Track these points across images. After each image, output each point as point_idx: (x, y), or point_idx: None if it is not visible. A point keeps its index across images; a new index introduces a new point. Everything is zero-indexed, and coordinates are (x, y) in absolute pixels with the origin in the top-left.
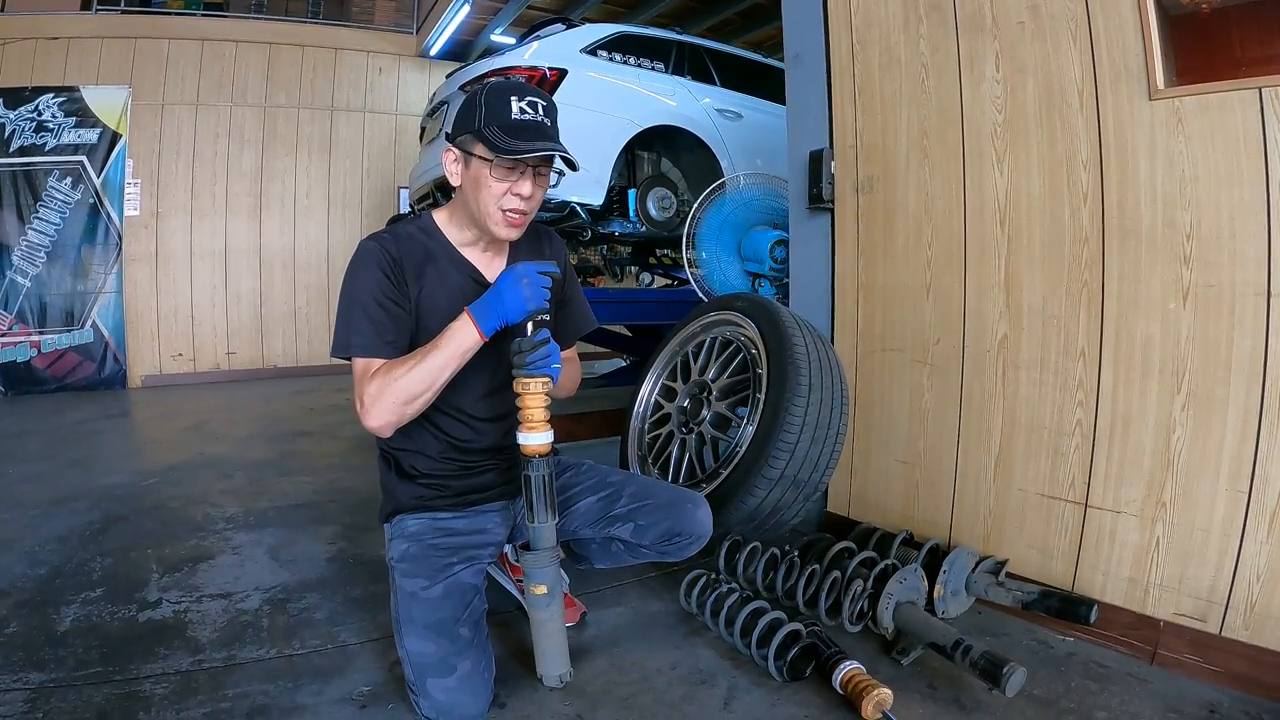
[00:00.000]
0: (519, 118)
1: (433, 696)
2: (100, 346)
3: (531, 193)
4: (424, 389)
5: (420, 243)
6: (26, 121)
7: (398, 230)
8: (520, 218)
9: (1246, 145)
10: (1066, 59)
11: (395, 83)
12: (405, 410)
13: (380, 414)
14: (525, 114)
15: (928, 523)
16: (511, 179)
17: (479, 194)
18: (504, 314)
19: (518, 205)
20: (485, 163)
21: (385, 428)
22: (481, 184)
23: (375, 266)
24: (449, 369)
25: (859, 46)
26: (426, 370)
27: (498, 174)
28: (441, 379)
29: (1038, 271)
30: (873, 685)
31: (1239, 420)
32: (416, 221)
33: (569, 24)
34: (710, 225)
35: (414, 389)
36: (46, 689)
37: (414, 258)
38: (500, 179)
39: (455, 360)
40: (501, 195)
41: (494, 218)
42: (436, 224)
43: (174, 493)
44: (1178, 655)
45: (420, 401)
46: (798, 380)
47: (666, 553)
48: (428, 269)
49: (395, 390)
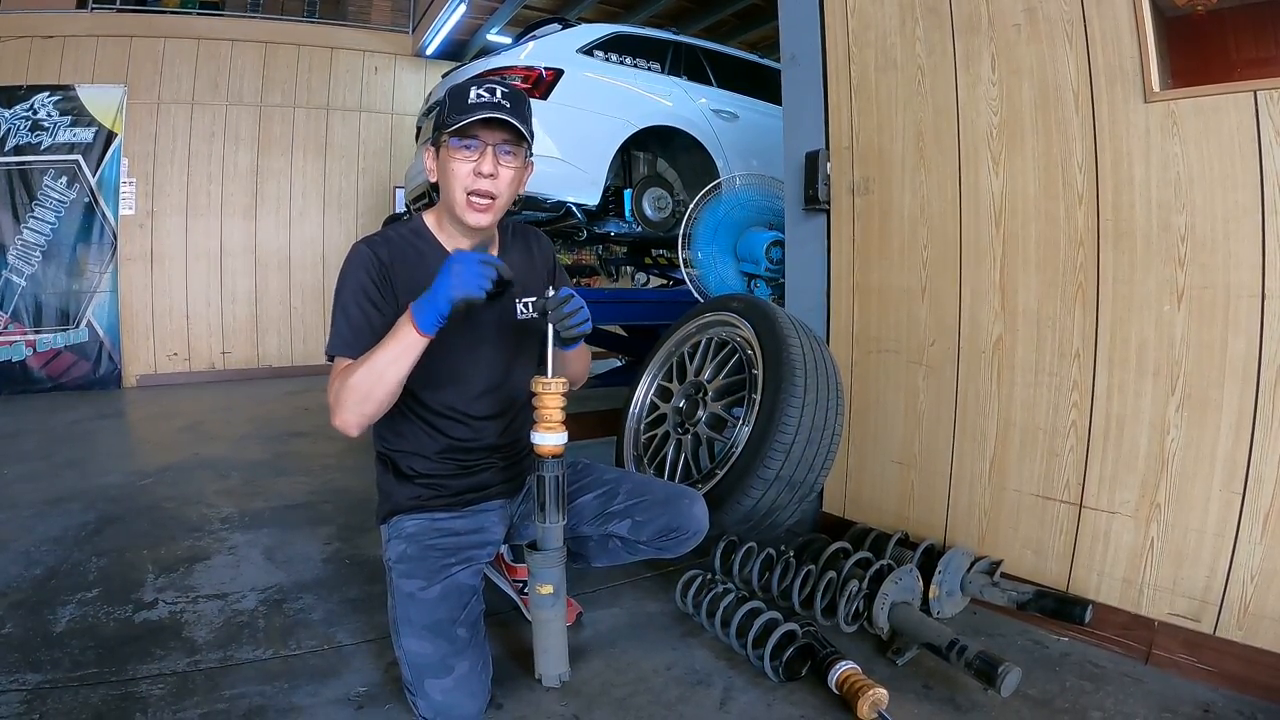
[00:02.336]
0: (474, 100)
1: (430, 697)
2: (95, 346)
3: (493, 170)
4: (372, 386)
5: (412, 245)
6: (22, 120)
7: (390, 234)
8: (486, 202)
9: (1241, 148)
10: (1062, 61)
11: (391, 82)
12: (364, 409)
13: (340, 412)
14: (481, 97)
15: (923, 523)
16: (472, 160)
17: (447, 181)
18: (435, 305)
19: (483, 186)
20: (447, 148)
21: (349, 426)
22: (447, 169)
23: (361, 270)
24: (394, 366)
25: (855, 48)
26: (371, 370)
27: (458, 155)
28: (389, 376)
29: (1033, 273)
30: (868, 685)
31: (1233, 422)
32: (409, 224)
33: (565, 24)
34: (706, 226)
35: (363, 387)
36: (43, 690)
37: (405, 260)
38: (462, 160)
39: (397, 357)
40: (465, 177)
41: (460, 203)
42: (427, 225)
43: (169, 493)
44: (1172, 655)
45: (375, 401)
46: (793, 381)
47: (664, 548)
48: (419, 271)
49: (349, 389)
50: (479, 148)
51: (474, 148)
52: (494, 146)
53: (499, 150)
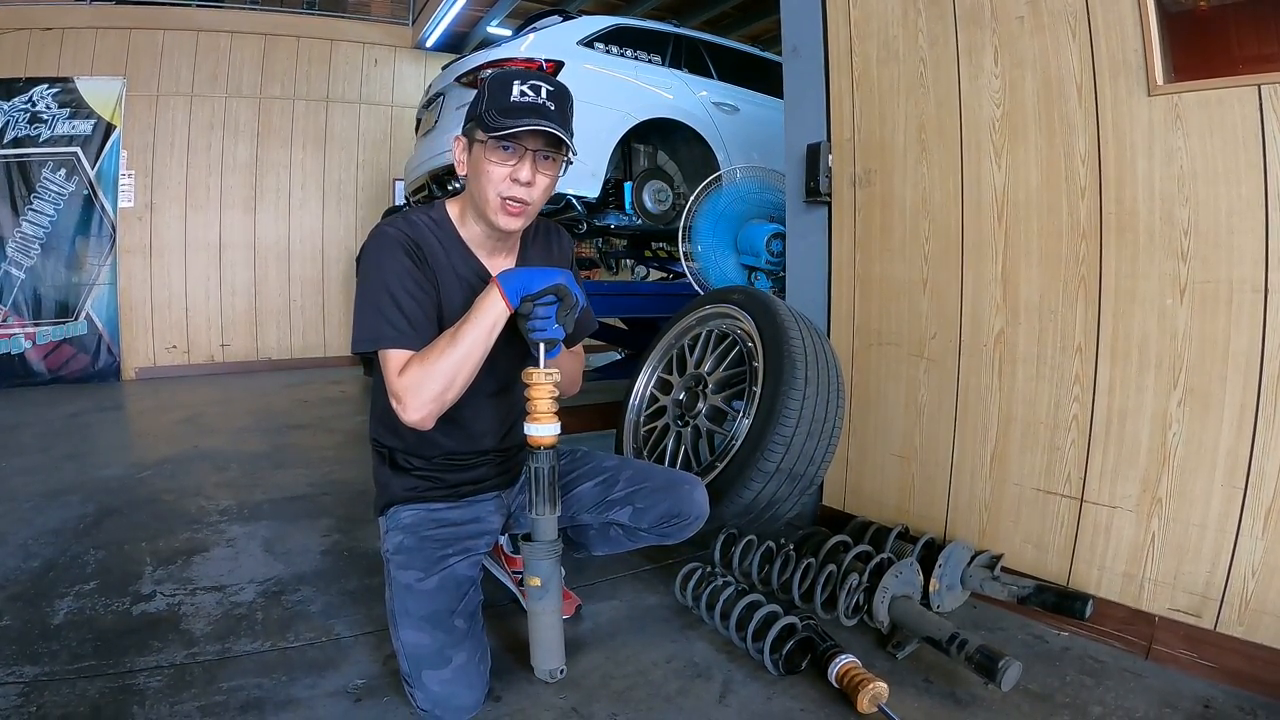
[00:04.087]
0: (518, 100)
1: (428, 688)
2: (94, 339)
3: (531, 178)
4: (460, 368)
5: (434, 233)
6: (21, 112)
7: (412, 219)
8: (520, 207)
9: (1245, 142)
10: (1065, 54)
11: (391, 74)
12: (446, 397)
13: (421, 405)
14: (525, 96)
15: (923, 517)
16: (510, 163)
17: (479, 180)
18: (528, 283)
19: (518, 193)
20: (483, 145)
21: (428, 419)
22: (481, 169)
23: (402, 253)
24: (481, 344)
25: (857, 39)
26: (460, 348)
27: (495, 156)
28: (476, 355)
29: (1035, 266)
30: (868, 679)
31: (1235, 416)
32: (429, 211)
33: (566, 16)
34: (706, 218)
35: (451, 370)
36: (40, 682)
37: (431, 248)
38: (499, 162)
39: (487, 334)
40: (501, 181)
41: (493, 205)
42: (449, 216)
43: (168, 485)
44: (1173, 650)
45: (458, 385)
46: (794, 374)
47: (666, 535)
48: (442, 263)
49: (434, 376)
50: (518, 153)
51: (513, 151)
52: (534, 152)
53: (538, 157)
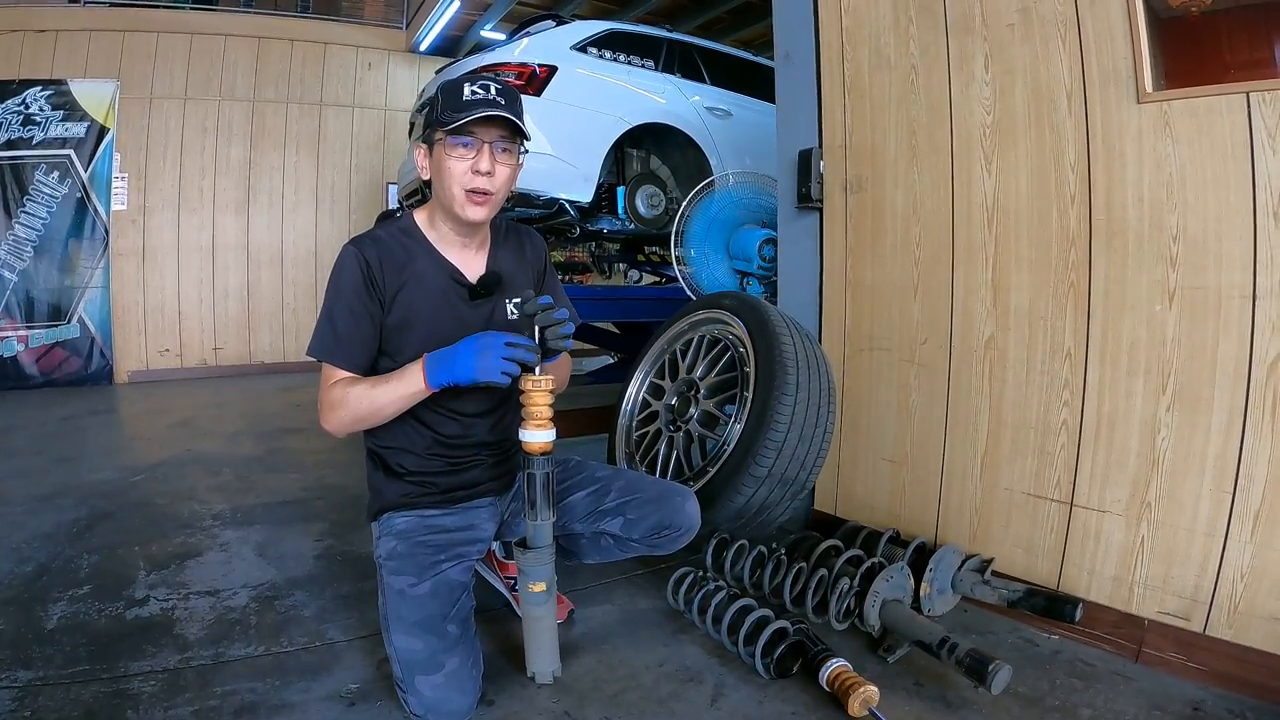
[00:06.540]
0: (469, 98)
1: (421, 693)
2: (87, 342)
3: (490, 168)
4: (369, 415)
5: (401, 244)
6: (13, 115)
7: (378, 234)
8: (484, 198)
9: (1233, 149)
10: (1055, 61)
11: (384, 78)
12: (354, 427)
13: (333, 422)
14: (476, 94)
15: (914, 521)
16: (469, 157)
17: (442, 178)
18: (453, 374)
19: (480, 184)
20: (442, 145)
21: (338, 432)
22: (443, 167)
23: (350, 274)
24: (394, 407)
25: (849, 46)
26: (373, 402)
27: (455, 153)
28: (387, 413)
29: (1025, 272)
30: (859, 682)
31: (1224, 421)
32: (398, 223)
33: (559, 21)
34: (699, 223)
35: (361, 413)
36: (34, 687)
37: (394, 260)
38: (459, 158)
39: (401, 401)
40: (463, 175)
41: (458, 199)
42: (417, 224)
43: (161, 489)
44: (1162, 654)
45: (367, 424)
46: (785, 379)
47: (656, 546)
48: (408, 271)
49: (344, 408)
50: (476, 145)
51: (471, 145)
52: (490, 144)
53: (495, 147)
